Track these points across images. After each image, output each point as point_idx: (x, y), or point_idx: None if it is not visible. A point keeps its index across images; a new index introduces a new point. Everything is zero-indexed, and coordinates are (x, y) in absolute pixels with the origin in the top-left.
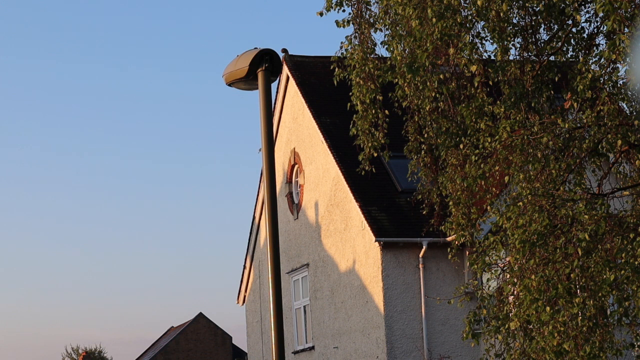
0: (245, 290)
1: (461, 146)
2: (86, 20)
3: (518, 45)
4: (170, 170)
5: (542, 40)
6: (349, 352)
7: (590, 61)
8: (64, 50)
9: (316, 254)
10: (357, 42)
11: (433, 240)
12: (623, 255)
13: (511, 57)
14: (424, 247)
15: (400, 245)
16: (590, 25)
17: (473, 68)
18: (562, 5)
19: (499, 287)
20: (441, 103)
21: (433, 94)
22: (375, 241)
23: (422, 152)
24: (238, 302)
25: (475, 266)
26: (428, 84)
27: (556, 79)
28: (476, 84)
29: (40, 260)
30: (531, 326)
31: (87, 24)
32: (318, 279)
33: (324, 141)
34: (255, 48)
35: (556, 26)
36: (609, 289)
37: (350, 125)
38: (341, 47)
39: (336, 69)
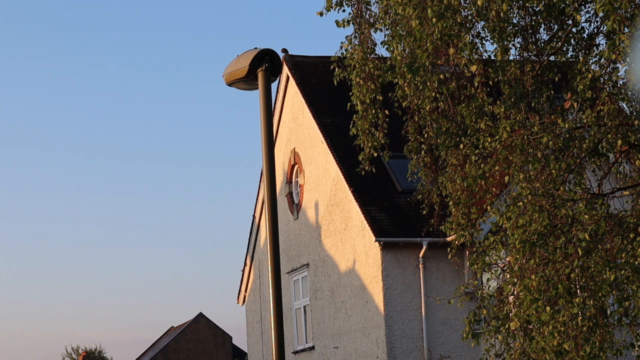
0: (245, 290)
1: (461, 146)
2: (86, 20)
3: (518, 45)
4: (169, 170)
5: (542, 40)
6: (349, 352)
7: (590, 61)
8: (64, 50)
9: (316, 254)
10: (357, 42)
11: (433, 240)
12: (623, 255)
13: (511, 57)
14: (424, 247)
15: (400, 245)
16: (590, 25)
17: (473, 68)
18: (562, 5)
19: (499, 287)
20: (441, 103)
21: (433, 94)
22: (375, 241)
23: (422, 152)
24: (238, 302)
25: (475, 266)
26: (428, 84)
27: (556, 79)
28: (476, 84)
29: (40, 261)
30: (531, 326)
31: (87, 24)
32: (318, 279)
33: (324, 141)
34: (255, 48)
35: (556, 26)
36: (609, 289)
37: (350, 125)
38: (341, 47)
39: (336, 69)
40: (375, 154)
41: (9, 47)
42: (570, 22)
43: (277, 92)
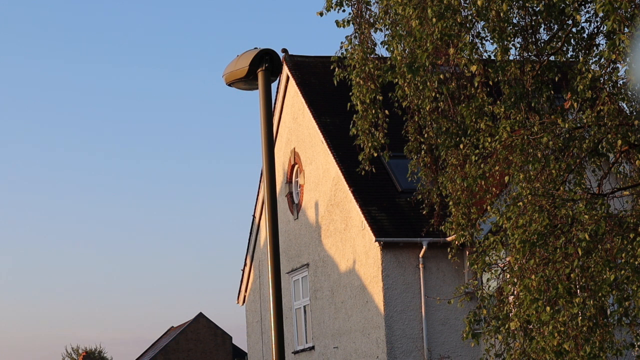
0: (245, 290)
1: (461, 146)
2: (86, 20)
3: (518, 45)
4: (169, 170)
5: (542, 40)
6: (349, 352)
7: (590, 61)
8: (64, 50)
9: (316, 254)
10: (357, 42)
11: (433, 240)
12: (623, 255)
13: (511, 57)
14: (424, 247)
15: (400, 245)
16: (590, 25)
17: (473, 68)
18: (562, 5)
19: (499, 287)
20: (441, 103)
21: (433, 94)
22: (375, 241)
23: (422, 152)
24: (238, 302)
25: (475, 266)
26: (428, 84)
27: (556, 79)
28: (476, 84)
29: (40, 261)
30: (531, 326)
31: (86, 24)
32: (318, 279)
33: (324, 141)
34: (255, 48)
35: (556, 26)
36: (609, 289)
37: (350, 125)
38: (341, 47)
39: (336, 69)
40: (375, 154)
41: (9, 46)
42: (570, 22)
43: (277, 92)
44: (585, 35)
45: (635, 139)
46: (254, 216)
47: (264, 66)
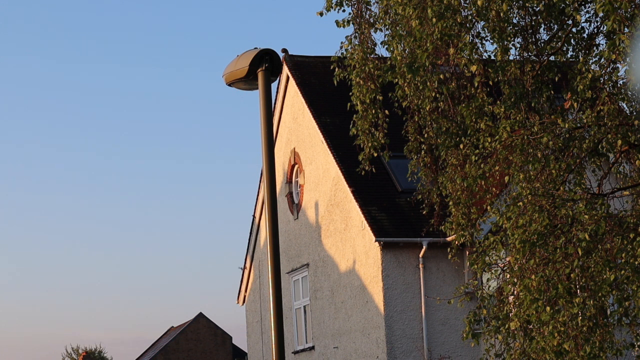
0: (245, 290)
1: (461, 146)
2: (86, 20)
3: (518, 45)
4: (169, 170)
5: (542, 40)
6: (349, 352)
7: (590, 61)
8: (64, 50)
9: (316, 254)
10: (357, 42)
11: (433, 240)
12: (623, 255)
13: (511, 57)
14: (424, 247)
15: (400, 245)
16: (590, 25)
17: (473, 68)
18: (562, 5)
19: (499, 287)
20: (441, 103)
21: (433, 94)
22: (375, 241)
23: (422, 152)
24: (238, 302)
25: (475, 266)
26: (428, 84)
27: (556, 79)
28: (476, 84)
29: (40, 260)
30: (531, 326)
31: (87, 23)
32: (318, 279)
33: (324, 141)
34: (255, 48)
35: (556, 26)
36: (609, 289)
37: (350, 125)
38: (341, 47)
39: (336, 69)
40: (375, 154)
41: (9, 46)
42: (570, 22)
43: (277, 92)
44: (585, 35)
45: (635, 139)
46: (254, 216)
47: (264, 66)
